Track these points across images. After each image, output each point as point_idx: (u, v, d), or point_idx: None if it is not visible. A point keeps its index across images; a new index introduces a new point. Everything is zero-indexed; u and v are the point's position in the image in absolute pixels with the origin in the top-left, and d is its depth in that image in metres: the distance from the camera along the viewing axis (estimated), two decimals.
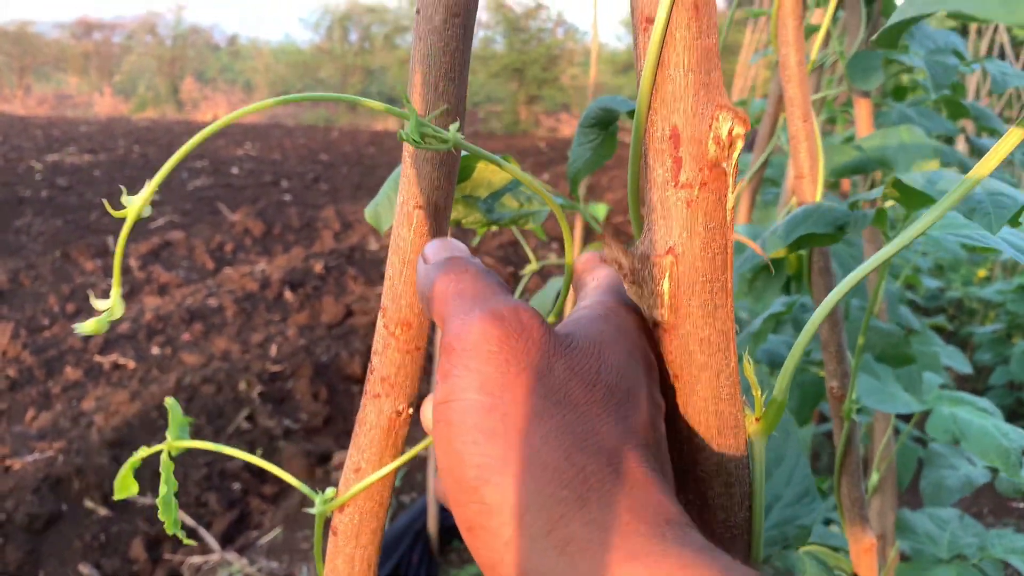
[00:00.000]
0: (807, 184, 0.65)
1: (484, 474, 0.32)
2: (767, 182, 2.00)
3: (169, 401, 0.47)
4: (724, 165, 0.32)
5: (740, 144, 0.31)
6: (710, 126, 0.31)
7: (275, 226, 6.21)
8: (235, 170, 8.71)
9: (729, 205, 0.32)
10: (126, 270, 5.04)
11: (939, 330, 3.74)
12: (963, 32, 4.95)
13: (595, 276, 0.42)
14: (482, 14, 14.09)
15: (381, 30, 14.64)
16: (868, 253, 1.21)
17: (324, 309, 4.43)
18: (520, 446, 0.31)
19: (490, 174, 0.56)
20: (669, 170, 0.32)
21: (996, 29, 4.65)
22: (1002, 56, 4.74)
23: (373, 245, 5.84)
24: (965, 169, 1.02)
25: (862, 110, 1.11)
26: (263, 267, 5.16)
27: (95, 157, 9.07)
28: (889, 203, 0.67)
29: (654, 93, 0.32)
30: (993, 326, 3.48)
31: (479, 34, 14.32)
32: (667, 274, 0.34)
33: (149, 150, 9.87)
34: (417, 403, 0.46)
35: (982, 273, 3.97)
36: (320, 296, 4.69)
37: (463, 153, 0.47)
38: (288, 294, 4.68)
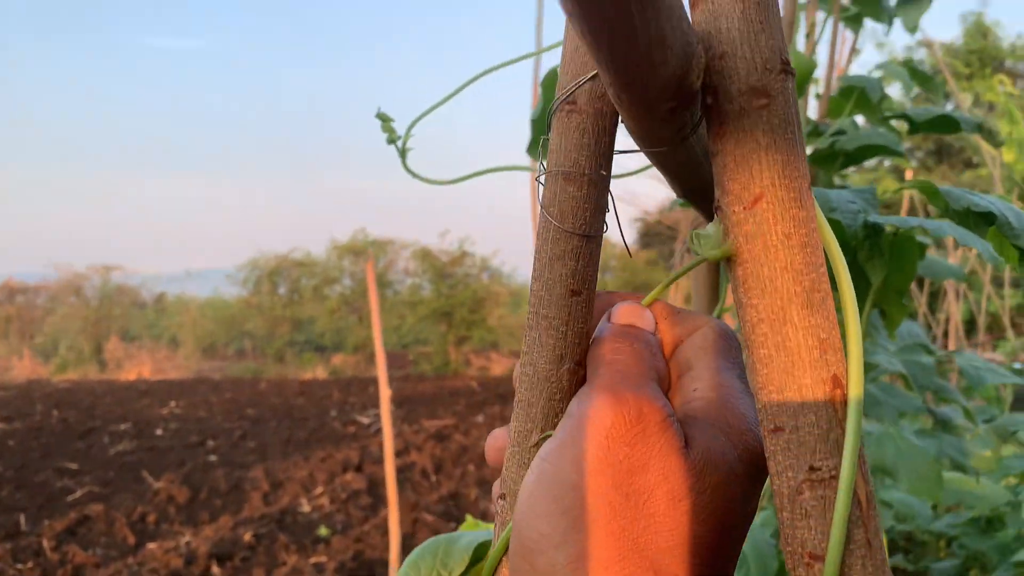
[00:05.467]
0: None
1: (542, 545, 0.32)
2: None
3: None
4: None
5: None
6: None
7: (201, 491, 5.91)
8: (159, 431, 8.41)
9: None
10: (38, 552, 4.65)
11: (899, 570, 3.66)
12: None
13: (693, 341, 0.39)
14: (410, 263, 14.56)
15: (310, 282, 14.92)
16: None
17: None
18: (579, 537, 0.32)
19: None
20: None
21: None
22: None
23: (305, 507, 5.57)
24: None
25: None
26: (188, 539, 4.84)
27: (9, 425, 8.67)
28: None
29: None
30: (951, 561, 3.42)
31: (406, 281, 14.73)
32: None
33: (69, 414, 9.50)
34: None
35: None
36: (250, 570, 4.38)
37: None
38: (216, 569, 4.36)
